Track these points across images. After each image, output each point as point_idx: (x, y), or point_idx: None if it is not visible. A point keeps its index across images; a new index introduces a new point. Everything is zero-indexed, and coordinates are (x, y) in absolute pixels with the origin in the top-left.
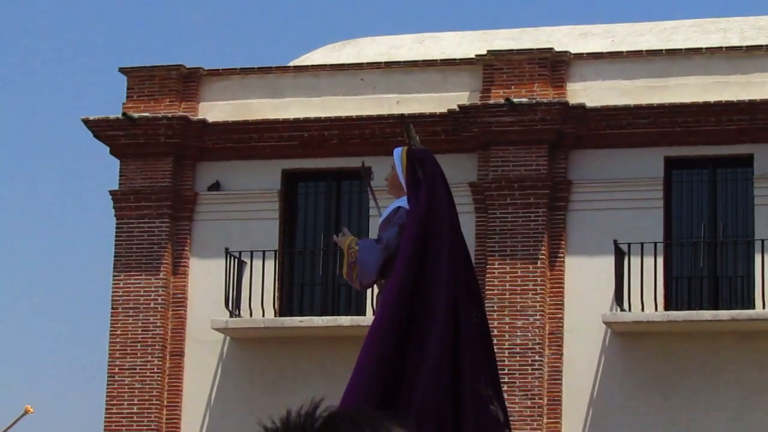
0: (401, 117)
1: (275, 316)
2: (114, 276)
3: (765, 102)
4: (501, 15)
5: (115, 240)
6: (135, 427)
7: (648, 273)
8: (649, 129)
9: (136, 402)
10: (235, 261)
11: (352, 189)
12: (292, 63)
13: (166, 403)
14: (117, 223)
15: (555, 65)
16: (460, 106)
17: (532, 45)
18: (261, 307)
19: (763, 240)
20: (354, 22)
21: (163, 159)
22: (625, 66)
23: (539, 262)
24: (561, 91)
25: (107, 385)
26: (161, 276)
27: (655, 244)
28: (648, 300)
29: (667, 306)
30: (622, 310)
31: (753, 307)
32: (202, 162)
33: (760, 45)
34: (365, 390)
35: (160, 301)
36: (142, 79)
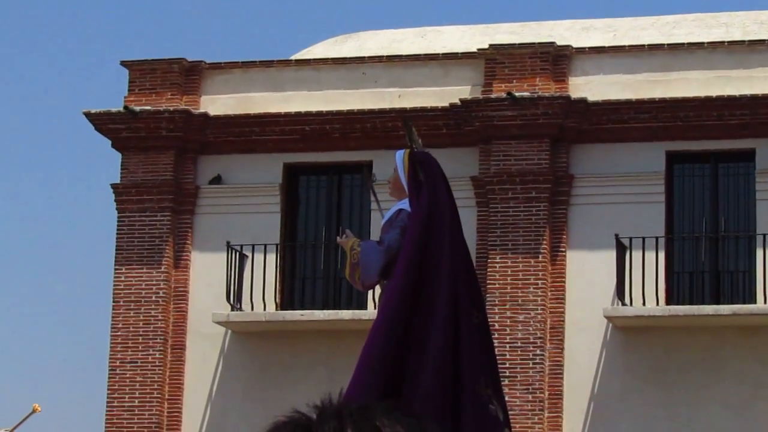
0: (403, 119)
1: (276, 309)
2: (115, 269)
3: (767, 97)
4: (503, 9)
5: (117, 233)
6: (136, 420)
7: (649, 267)
8: (651, 123)
9: (137, 395)
10: (237, 254)
11: (353, 183)
12: (293, 57)
13: (167, 397)
14: (118, 217)
15: (557, 59)
16: (461, 100)
17: (533, 39)
18: (262, 301)
19: (765, 235)
20: (356, 16)
21: (165, 152)
22: (627, 60)
23: (541, 256)
24: (563, 86)
25: (108, 378)
26: (163, 269)
27: (657, 238)
28: (649, 294)
29: (669, 300)
30: (623, 304)
31: (754, 302)
32: (203, 155)
33: (762, 39)
34: (367, 390)
35: (161, 295)
36: (143, 73)
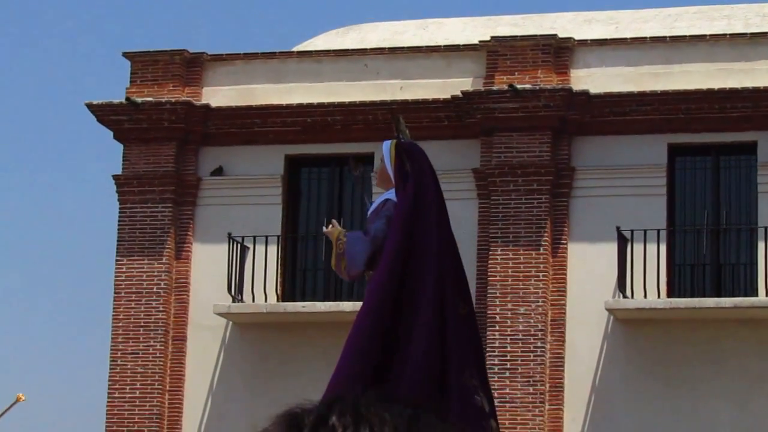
0: (390, 111)
1: (278, 301)
2: (117, 260)
3: None
4: (505, 1)
5: (118, 224)
6: (137, 412)
7: (651, 260)
8: (653, 116)
9: (138, 386)
10: (238, 246)
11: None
12: (295, 48)
13: (168, 388)
14: (120, 208)
15: (558, 52)
16: (463, 92)
17: (535, 31)
18: (263, 292)
19: (766, 227)
20: (357, 7)
21: (167, 144)
22: (629, 53)
23: (542, 248)
24: (564, 78)
25: (109, 370)
26: (164, 261)
27: (658, 231)
28: (651, 287)
29: (670, 293)
30: (624, 297)
31: (756, 295)
32: (205, 147)
33: (764, 32)
34: (352, 379)
35: (162, 286)
36: (145, 64)
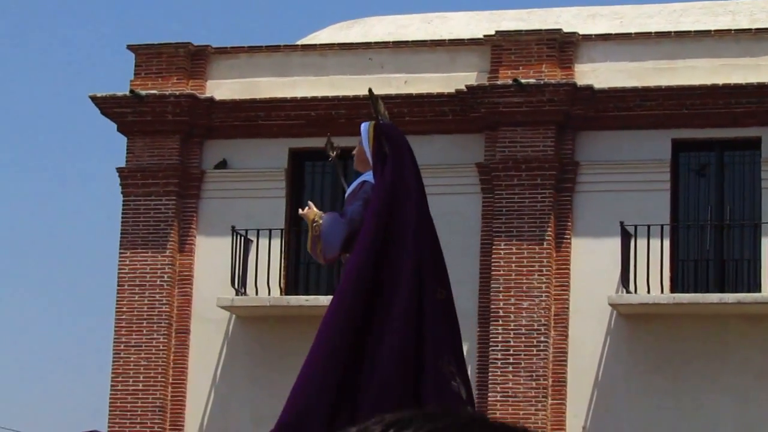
0: (369, 91)
1: (281, 294)
2: (120, 253)
3: None
4: None
5: (122, 217)
6: (140, 404)
7: (654, 255)
8: (657, 111)
9: (141, 379)
10: (242, 239)
11: None
12: (299, 42)
13: (171, 381)
14: (124, 201)
15: (563, 46)
16: (467, 86)
17: (540, 26)
18: (267, 286)
19: None
20: (362, 1)
21: (171, 137)
22: (634, 48)
23: (545, 243)
24: (569, 73)
25: (113, 362)
26: (167, 254)
27: (662, 226)
28: (654, 282)
29: (673, 288)
30: (627, 292)
31: (759, 291)
32: (209, 140)
33: None
34: (328, 362)
35: (166, 279)
36: (150, 57)
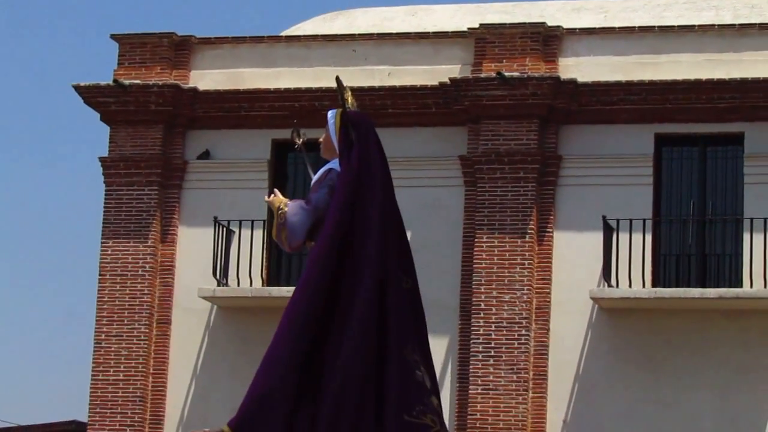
0: (336, 78)
1: (263, 285)
2: (102, 243)
3: (756, 80)
4: None
5: (104, 207)
6: (121, 394)
7: (636, 249)
8: (640, 105)
9: (122, 369)
10: (224, 230)
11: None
12: (284, 33)
13: (152, 371)
14: (106, 190)
15: (547, 40)
16: (451, 79)
17: (524, 19)
18: (249, 277)
19: (752, 219)
20: None
21: (154, 126)
22: (617, 42)
23: (527, 236)
24: (553, 66)
25: (94, 352)
26: (149, 244)
27: (644, 220)
28: (636, 276)
29: (655, 283)
30: (609, 286)
31: (740, 286)
32: (192, 130)
33: (752, 23)
34: (290, 349)
35: (147, 269)
36: (133, 47)
